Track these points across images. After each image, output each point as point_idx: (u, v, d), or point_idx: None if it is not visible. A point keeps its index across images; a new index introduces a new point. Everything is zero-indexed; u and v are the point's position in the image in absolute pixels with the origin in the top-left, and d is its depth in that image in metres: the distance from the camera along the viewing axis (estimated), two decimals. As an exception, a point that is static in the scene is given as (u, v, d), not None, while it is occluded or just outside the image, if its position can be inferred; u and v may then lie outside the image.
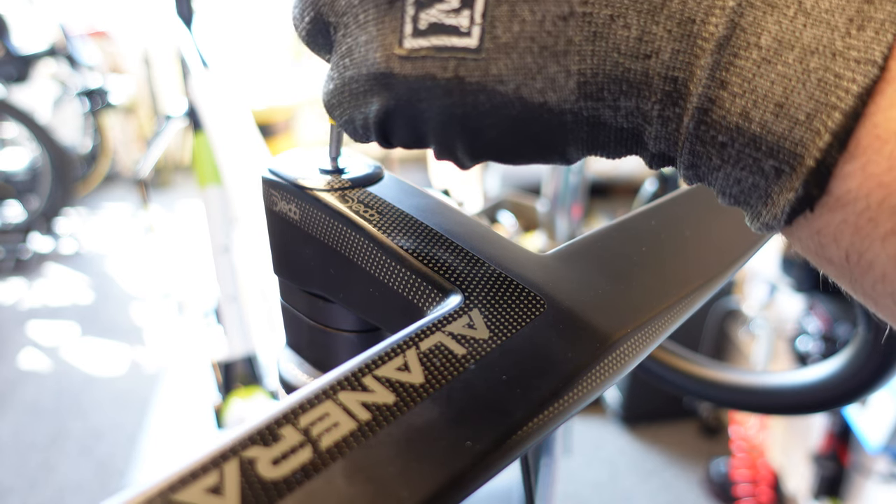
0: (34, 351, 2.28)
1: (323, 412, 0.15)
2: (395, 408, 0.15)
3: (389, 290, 0.23)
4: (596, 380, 0.18)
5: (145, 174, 1.40)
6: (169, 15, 1.01)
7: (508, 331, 0.18)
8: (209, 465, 0.13)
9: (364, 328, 0.28)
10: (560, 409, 0.17)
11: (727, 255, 0.25)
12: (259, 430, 0.14)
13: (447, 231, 0.23)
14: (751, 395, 0.43)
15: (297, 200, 0.26)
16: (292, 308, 0.30)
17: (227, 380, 1.14)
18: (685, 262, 0.24)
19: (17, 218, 2.99)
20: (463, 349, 0.17)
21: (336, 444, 0.14)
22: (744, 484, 1.61)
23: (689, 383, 0.45)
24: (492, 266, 0.21)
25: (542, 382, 0.17)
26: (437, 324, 0.18)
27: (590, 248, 0.24)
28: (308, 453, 0.14)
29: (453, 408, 0.15)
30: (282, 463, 0.13)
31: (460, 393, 0.16)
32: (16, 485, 1.71)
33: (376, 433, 0.14)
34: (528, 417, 0.16)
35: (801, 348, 1.45)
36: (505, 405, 0.16)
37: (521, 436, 0.15)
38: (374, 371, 0.16)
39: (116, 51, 3.64)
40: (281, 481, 0.13)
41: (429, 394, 0.16)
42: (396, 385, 0.16)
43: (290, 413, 0.14)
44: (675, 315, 0.22)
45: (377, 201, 0.25)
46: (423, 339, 0.17)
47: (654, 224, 0.26)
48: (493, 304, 0.20)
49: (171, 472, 0.13)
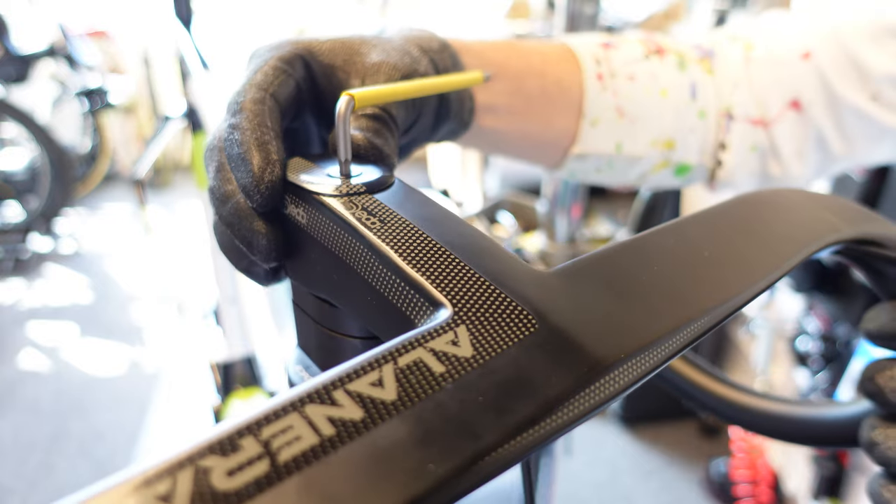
0: (34, 351, 2.28)
1: (287, 425, 0.14)
2: (360, 424, 0.15)
3: (384, 299, 0.22)
4: (580, 406, 0.17)
5: (143, 174, 1.40)
6: (168, 15, 1.01)
7: (493, 350, 0.18)
8: (164, 473, 0.13)
9: (369, 335, 0.28)
10: (536, 435, 0.16)
11: (745, 278, 0.24)
12: (220, 439, 0.14)
13: (448, 243, 0.23)
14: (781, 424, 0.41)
15: (305, 204, 0.26)
16: (302, 310, 0.30)
17: (226, 381, 1.14)
18: (698, 284, 0.23)
19: (16, 218, 2.99)
20: (442, 367, 0.17)
21: (294, 459, 0.14)
22: (744, 484, 1.61)
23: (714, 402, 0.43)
24: (487, 281, 0.21)
25: (519, 406, 0.16)
26: (419, 339, 0.18)
27: (597, 265, 0.23)
28: (265, 466, 0.13)
29: (421, 428, 0.15)
30: (237, 474, 0.13)
31: (431, 413, 0.15)
32: (16, 485, 1.71)
33: (337, 449, 0.14)
34: (498, 443, 0.15)
35: (800, 348, 1.45)
36: (475, 428, 0.15)
37: (490, 461, 0.15)
38: (347, 385, 0.16)
39: (116, 51, 3.64)
40: (232, 493, 0.13)
41: (398, 412, 0.15)
42: (367, 400, 0.15)
43: (254, 424, 0.14)
44: (678, 340, 0.20)
45: (381, 209, 0.25)
46: (403, 355, 0.17)
47: (671, 242, 0.25)
48: (481, 320, 0.19)
49: (125, 478, 0.13)
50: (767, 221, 0.28)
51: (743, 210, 0.28)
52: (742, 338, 1.84)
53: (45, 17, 2.99)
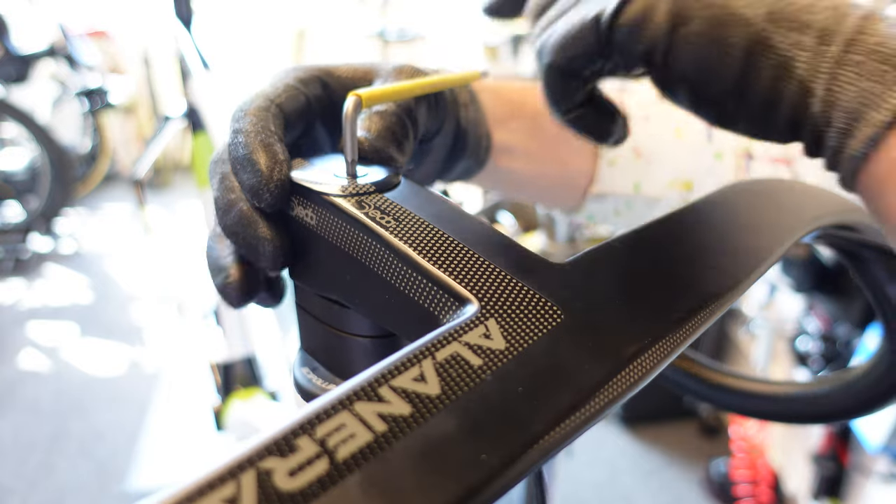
0: (34, 351, 2.28)
1: (339, 423, 0.14)
2: (410, 419, 0.15)
3: (406, 297, 0.22)
4: (613, 392, 0.18)
5: (142, 175, 1.40)
6: (168, 15, 1.01)
7: (525, 341, 0.18)
8: (226, 476, 0.13)
9: (380, 333, 0.28)
10: (577, 421, 0.17)
11: (750, 261, 0.25)
12: (276, 440, 0.14)
13: (464, 238, 0.23)
14: (765, 403, 0.42)
15: (314, 205, 0.26)
16: (307, 312, 0.30)
17: (226, 381, 1.14)
18: (705, 271, 0.24)
19: (16, 218, 2.99)
20: (479, 360, 0.17)
21: (352, 456, 0.14)
22: (744, 484, 1.61)
23: (702, 387, 0.44)
24: (508, 275, 0.21)
25: (560, 395, 0.17)
26: (453, 333, 0.18)
27: (607, 256, 0.24)
28: (325, 465, 0.13)
29: (469, 420, 0.15)
30: (298, 474, 0.13)
31: (476, 405, 0.16)
32: (16, 485, 1.71)
33: (392, 445, 0.14)
34: (545, 431, 0.16)
35: (800, 348, 1.45)
36: (521, 418, 0.16)
37: (538, 449, 0.15)
38: (391, 381, 0.16)
39: (116, 51, 3.64)
40: (297, 493, 0.13)
41: (445, 405, 0.15)
42: (413, 396, 0.16)
43: (307, 423, 0.14)
44: (695, 325, 0.21)
45: (394, 207, 0.25)
46: (440, 350, 0.17)
47: (672, 233, 0.26)
48: (508, 313, 0.19)
49: (188, 483, 0.13)
50: (758, 209, 0.29)
51: (734, 199, 0.30)
52: (742, 338, 1.84)
53: (45, 17, 2.99)
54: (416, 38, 3.67)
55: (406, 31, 3.60)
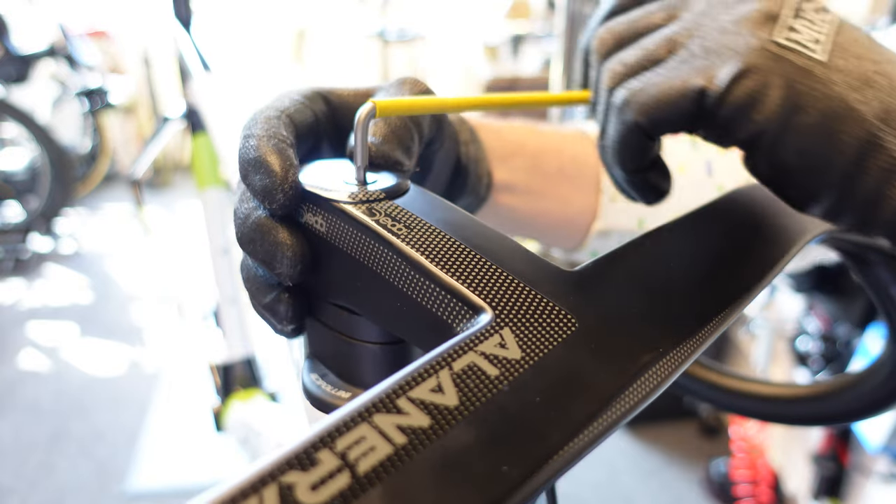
0: (34, 351, 2.28)
1: (359, 435, 0.14)
2: (430, 431, 0.15)
3: (418, 305, 0.22)
4: (630, 401, 0.18)
5: (140, 175, 1.40)
6: (168, 16, 1.01)
7: (540, 350, 0.18)
8: (248, 491, 0.13)
9: (390, 340, 0.28)
10: (595, 431, 0.16)
11: (761, 266, 0.25)
12: (297, 453, 0.14)
13: (476, 246, 0.23)
14: (769, 405, 0.42)
15: (324, 213, 0.25)
16: (316, 318, 0.29)
17: (226, 382, 1.14)
18: (715, 279, 0.24)
19: (16, 218, 2.99)
20: (496, 370, 0.17)
21: (373, 469, 0.14)
22: (744, 484, 1.61)
23: (702, 389, 0.44)
24: (521, 283, 0.21)
25: (577, 405, 0.17)
26: (468, 343, 0.18)
27: (617, 264, 0.23)
28: (346, 478, 0.13)
29: (487, 431, 0.15)
30: (320, 488, 0.13)
31: (494, 416, 0.16)
32: (16, 485, 1.71)
33: (412, 458, 0.14)
34: (563, 441, 0.16)
35: (801, 348, 1.45)
36: (540, 428, 0.16)
37: (558, 460, 0.15)
38: (409, 392, 0.16)
39: (116, 51, 3.64)
40: None
41: (463, 416, 0.15)
42: (431, 407, 0.15)
43: (327, 436, 0.14)
44: (710, 331, 0.21)
45: (405, 215, 0.24)
46: (456, 360, 0.17)
47: (680, 240, 0.26)
48: (523, 322, 0.19)
49: (211, 499, 0.13)
50: (766, 214, 0.29)
51: (742, 204, 0.29)
52: (742, 338, 1.84)
53: (45, 17, 2.99)
54: (416, 38, 3.67)
55: (406, 31, 3.60)
